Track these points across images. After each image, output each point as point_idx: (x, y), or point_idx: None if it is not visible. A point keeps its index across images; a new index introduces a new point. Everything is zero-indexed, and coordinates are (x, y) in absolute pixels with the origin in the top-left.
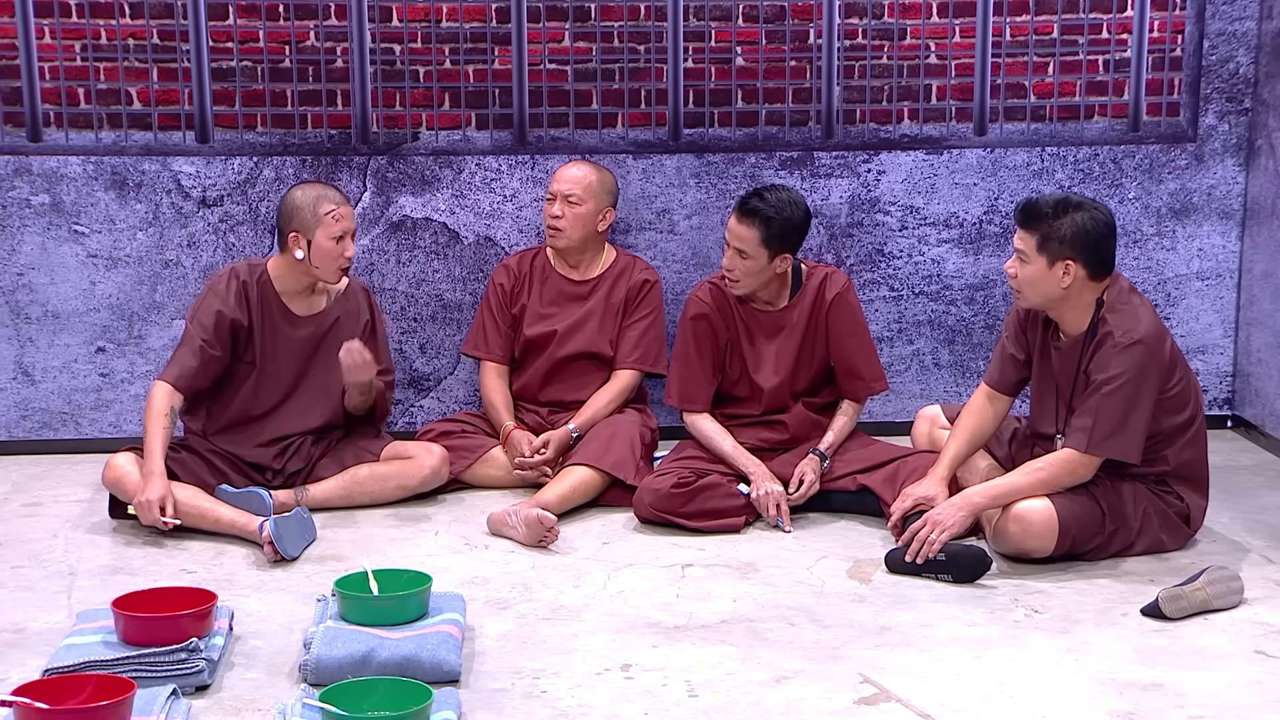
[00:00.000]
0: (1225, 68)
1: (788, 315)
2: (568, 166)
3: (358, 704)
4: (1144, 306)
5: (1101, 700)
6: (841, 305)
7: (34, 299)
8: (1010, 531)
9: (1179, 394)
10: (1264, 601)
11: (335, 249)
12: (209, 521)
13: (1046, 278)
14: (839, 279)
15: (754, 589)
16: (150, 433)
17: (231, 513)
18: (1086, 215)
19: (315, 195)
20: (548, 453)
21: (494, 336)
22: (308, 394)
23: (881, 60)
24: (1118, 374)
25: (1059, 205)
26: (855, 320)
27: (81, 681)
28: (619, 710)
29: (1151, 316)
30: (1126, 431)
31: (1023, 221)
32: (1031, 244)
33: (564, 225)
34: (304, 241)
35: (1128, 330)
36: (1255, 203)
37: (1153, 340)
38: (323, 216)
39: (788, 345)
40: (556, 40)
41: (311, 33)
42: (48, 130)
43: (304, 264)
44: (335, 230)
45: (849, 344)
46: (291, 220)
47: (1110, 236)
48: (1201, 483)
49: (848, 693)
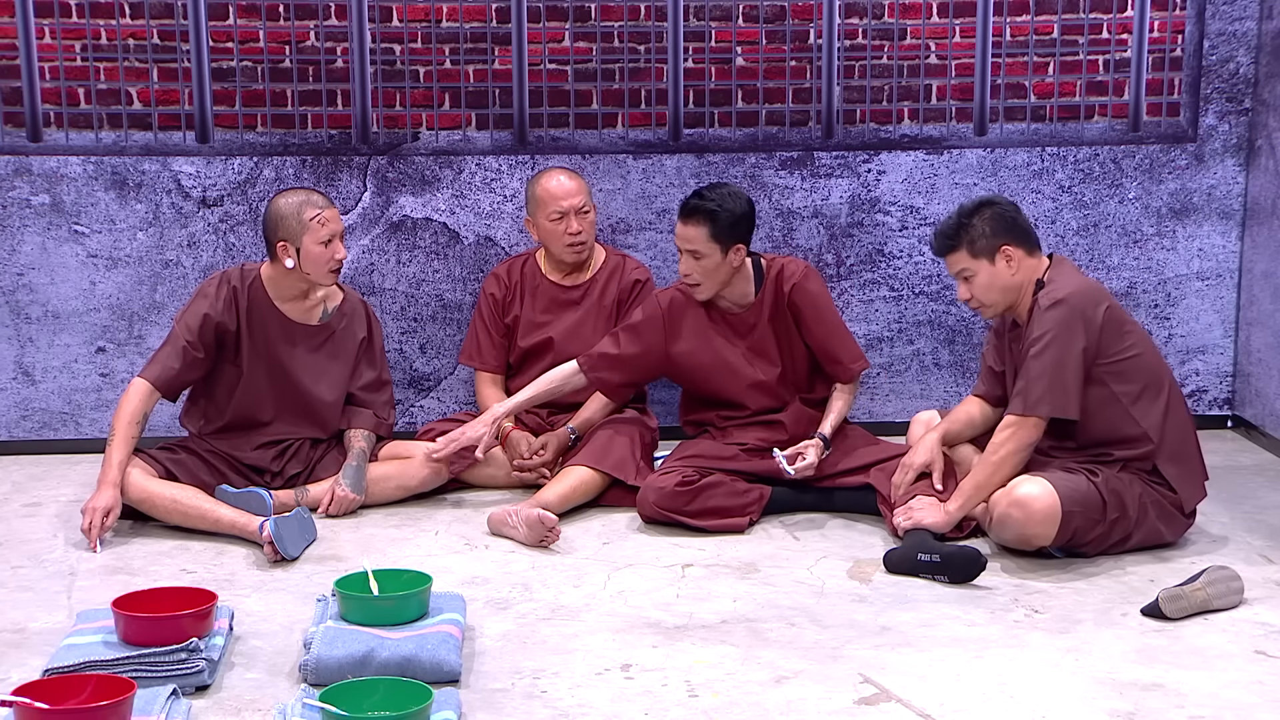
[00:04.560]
0: (1225, 68)
1: (754, 312)
2: (561, 182)
3: (358, 704)
4: (1074, 275)
5: (1101, 700)
6: (801, 294)
7: (34, 299)
8: (1013, 518)
9: (1131, 359)
10: (1264, 601)
11: (324, 253)
12: (209, 522)
13: (996, 275)
14: (794, 268)
15: (754, 589)
16: (117, 437)
17: (231, 513)
18: (987, 207)
19: (298, 202)
20: (546, 454)
21: (488, 346)
22: (304, 404)
23: (881, 60)
24: (1041, 334)
25: (961, 216)
26: (819, 306)
27: (82, 681)
28: (619, 710)
29: (1080, 281)
30: (1060, 388)
31: (944, 250)
32: (964, 257)
33: (586, 238)
34: (292, 250)
35: (1050, 293)
36: (1255, 203)
37: (1076, 299)
38: (308, 222)
39: (762, 342)
40: (556, 40)
41: (311, 33)
42: (48, 130)
43: (296, 271)
44: (322, 235)
45: (818, 330)
46: (278, 230)
47: (1018, 212)
48: (1191, 464)
49: (848, 693)
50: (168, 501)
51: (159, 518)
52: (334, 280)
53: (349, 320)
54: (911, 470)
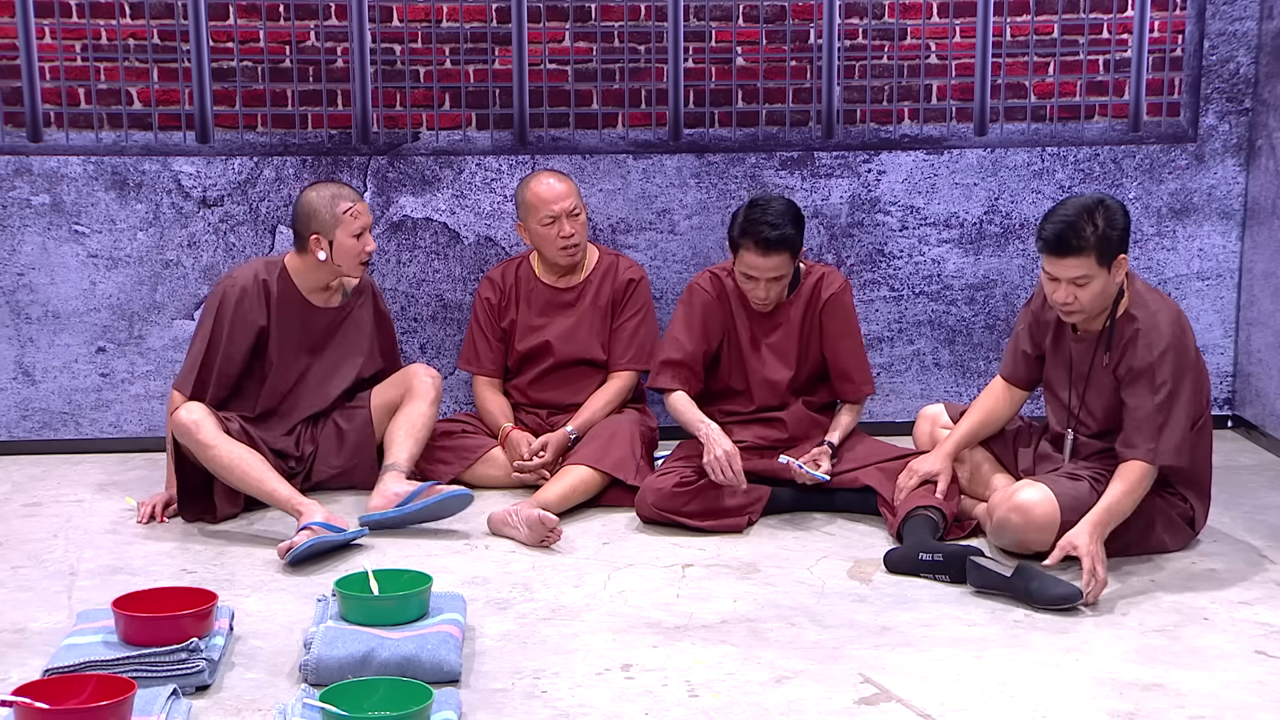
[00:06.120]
0: (1225, 68)
1: (784, 312)
2: (551, 186)
3: (358, 704)
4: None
5: (1101, 700)
6: (836, 306)
7: (34, 299)
8: (1012, 523)
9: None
10: (1264, 601)
11: (357, 245)
12: (263, 492)
13: (1109, 284)
14: (835, 279)
15: (754, 589)
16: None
17: (288, 491)
18: (1106, 208)
19: (330, 195)
20: (546, 455)
21: (485, 351)
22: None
23: (882, 60)
24: (1161, 380)
25: (1088, 217)
26: (849, 322)
27: (82, 681)
28: (619, 710)
29: (1171, 310)
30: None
31: (1068, 250)
32: (1090, 263)
33: (578, 240)
34: (325, 243)
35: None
36: (1255, 203)
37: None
38: (341, 216)
39: (784, 341)
40: (557, 40)
41: (312, 33)
42: (48, 130)
43: (327, 264)
44: (355, 227)
45: (841, 345)
46: (311, 223)
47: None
48: (1205, 486)
49: (848, 693)
50: (233, 458)
51: (213, 468)
52: (362, 272)
53: (365, 297)
54: (917, 476)
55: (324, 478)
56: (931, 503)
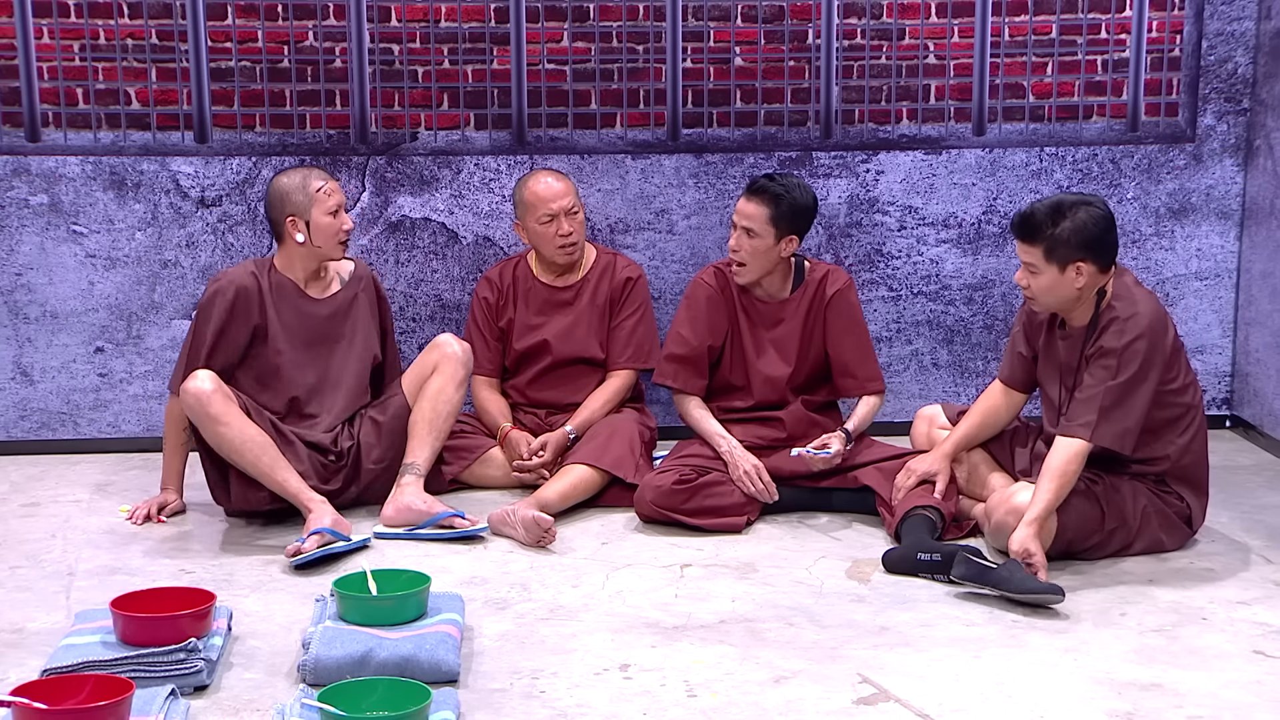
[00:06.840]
0: (1224, 68)
1: (787, 308)
2: (549, 184)
3: (357, 704)
4: (1144, 293)
5: (1100, 700)
6: (841, 303)
7: (32, 299)
8: (1009, 525)
9: (1177, 388)
10: (1262, 601)
11: (333, 223)
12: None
13: (1060, 283)
14: (840, 276)
15: (753, 589)
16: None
17: (298, 483)
18: (1084, 214)
19: (301, 176)
20: (545, 455)
21: (483, 351)
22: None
23: (880, 60)
24: (1120, 364)
25: (1054, 212)
26: (854, 319)
27: (80, 681)
28: (618, 710)
29: (1153, 305)
30: (1127, 426)
31: (1022, 235)
32: (1038, 255)
33: (576, 238)
34: (302, 224)
35: (1132, 319)
36: (1254, 203)
37: (1158, 334)
38: (315, 194)
39: (786, 338)
40: (555, 40)
41: (310, 33)
42: (46, 130)
43: (306, 246)
44: (330, 205)
45: (845, 342)
46: (285, 206)
47: (1111, 228)
48: (1202, 484)
49: (846, 693)
50: (245, 440)
51: (223, 449)
52: (343, 252)
53: (364, 285)
54: (915, 476)
55: (372, 477)
56: (930, 503)
